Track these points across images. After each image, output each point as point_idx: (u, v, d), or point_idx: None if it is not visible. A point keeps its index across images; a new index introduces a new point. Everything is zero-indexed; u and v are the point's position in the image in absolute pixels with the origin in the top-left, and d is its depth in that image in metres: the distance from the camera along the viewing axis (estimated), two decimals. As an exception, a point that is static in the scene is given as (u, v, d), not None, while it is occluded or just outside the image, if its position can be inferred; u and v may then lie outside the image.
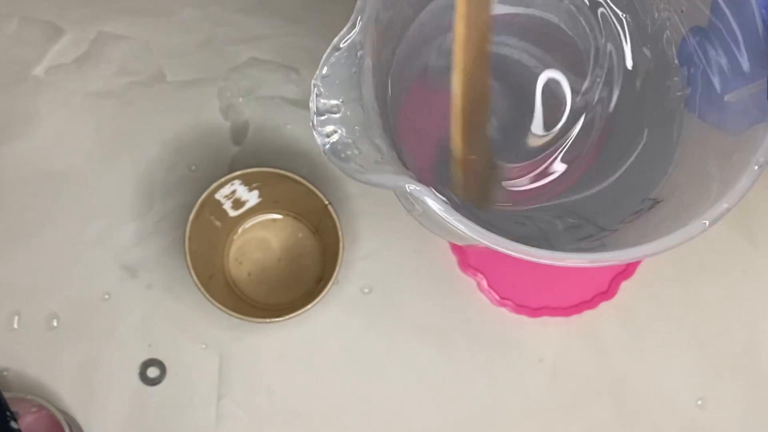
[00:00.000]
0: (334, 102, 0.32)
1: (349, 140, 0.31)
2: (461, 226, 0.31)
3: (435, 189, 0.32)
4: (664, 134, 0.39)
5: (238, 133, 0.50)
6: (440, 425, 0.48)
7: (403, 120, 0.42)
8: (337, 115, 0.32)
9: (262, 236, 0.50)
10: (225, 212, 0.47)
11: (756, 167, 0.31)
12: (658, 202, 0.36)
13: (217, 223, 0.47)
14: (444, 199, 0.32)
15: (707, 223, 0.31)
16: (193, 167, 0.50)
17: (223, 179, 0.44)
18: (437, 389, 0.49)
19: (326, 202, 0.45)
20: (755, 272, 0.50)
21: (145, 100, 0.50)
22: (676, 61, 0.39)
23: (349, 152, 0.31)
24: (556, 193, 0.42)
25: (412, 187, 0.31)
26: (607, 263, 0.32)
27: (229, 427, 0.48)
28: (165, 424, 0.48)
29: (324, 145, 0.31)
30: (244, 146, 0.50)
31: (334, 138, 0.31)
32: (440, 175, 0.40)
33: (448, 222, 0.31)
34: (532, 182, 0.43)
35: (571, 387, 0.49)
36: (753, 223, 0.51)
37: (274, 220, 0.50)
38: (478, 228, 0.31)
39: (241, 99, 0.50)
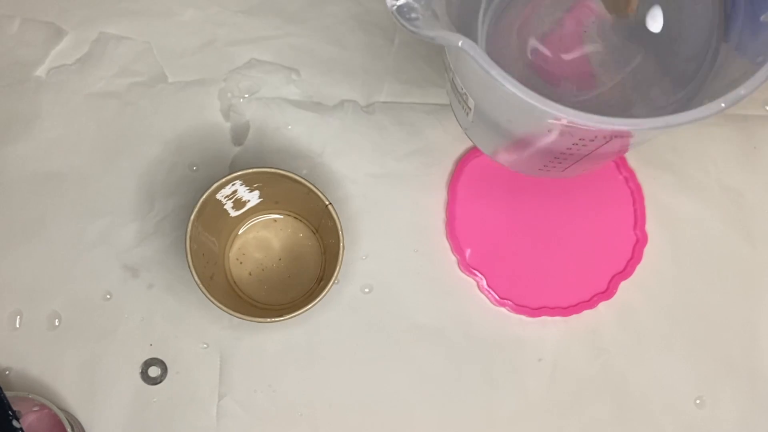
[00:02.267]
0: None
1: (415, 5, 0.35)
2: (511, 87, 0.33)
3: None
4: (706, 59, 0.41)
5: (239, 134, 0.50)
6: (440, 425, 0.49)
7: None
8: None
9: (262, 236, 0.50)
10: (226, 212, 0.48)
11: None
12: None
13: (218, 223, 0.48)
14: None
15: (724, 105, 0.33)
16: (194, 167, 0.50)
17: (224, 179, 0.44)
18: (437, 389, 0.49)
19: (327, 203, 0.45)
20: (753, 272, 0.51)
21: (147, 101, 0.50)
22: None
23: (413, 15, 0.35)
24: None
25: (462, 42, 0.33)
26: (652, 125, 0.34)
27: (230, 427, 0.48)
28: (166, 423, 0.48)
29: (392, 6, 0.35)
30: (244, 147, 0.50)
31: (401, 1, 0.35)
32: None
33: (497, 79, 0.33)
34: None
35: (571, 386, 0.49)
36: (751, 224, 0.51)
37: (275, 220, 0.50)
38: (530, 91, 0.33)
39: (241, 100, 0.51)
